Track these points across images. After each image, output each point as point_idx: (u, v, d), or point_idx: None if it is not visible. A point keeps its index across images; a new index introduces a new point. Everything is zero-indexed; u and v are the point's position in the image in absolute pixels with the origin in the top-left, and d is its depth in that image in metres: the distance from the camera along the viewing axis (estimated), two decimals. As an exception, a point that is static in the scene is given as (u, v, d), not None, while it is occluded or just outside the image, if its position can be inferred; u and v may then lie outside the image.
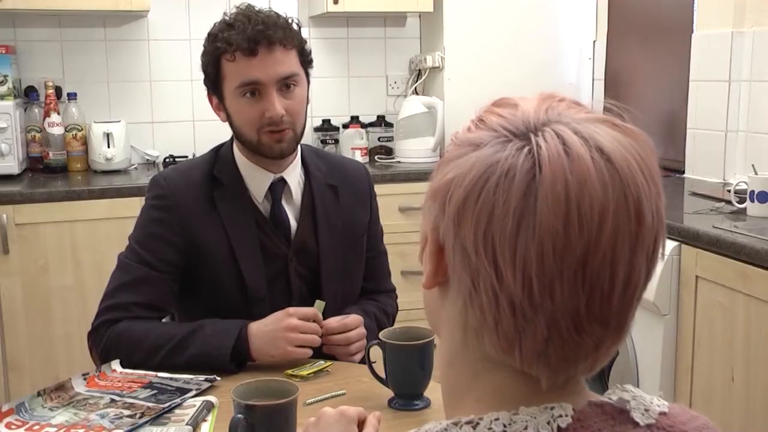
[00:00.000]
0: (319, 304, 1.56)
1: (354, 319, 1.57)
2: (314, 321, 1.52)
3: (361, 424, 1.04)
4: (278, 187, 1.65)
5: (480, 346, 0.65)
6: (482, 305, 0.63)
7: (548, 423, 0.63)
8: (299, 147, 1.69)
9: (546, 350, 0.62)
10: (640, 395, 0.68)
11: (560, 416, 0.63)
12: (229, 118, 1.62)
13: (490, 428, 0.63)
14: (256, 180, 1.64)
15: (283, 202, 1.66)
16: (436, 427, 0.65)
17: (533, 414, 0.63)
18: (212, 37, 1.58)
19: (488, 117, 0.66)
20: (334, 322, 1.55)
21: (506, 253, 0.60)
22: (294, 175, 1.67)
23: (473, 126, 0.67)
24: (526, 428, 0.62)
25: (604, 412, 0.66)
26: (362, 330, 1.57)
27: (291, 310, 1.51)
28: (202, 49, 1.62)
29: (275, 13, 1.59)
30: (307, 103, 1.65)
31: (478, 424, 0.64)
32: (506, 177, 0.60)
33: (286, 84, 1.57)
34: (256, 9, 1.59)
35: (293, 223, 1.67)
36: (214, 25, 1.60)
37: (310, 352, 1.50)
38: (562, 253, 0.59)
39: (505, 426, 0.63)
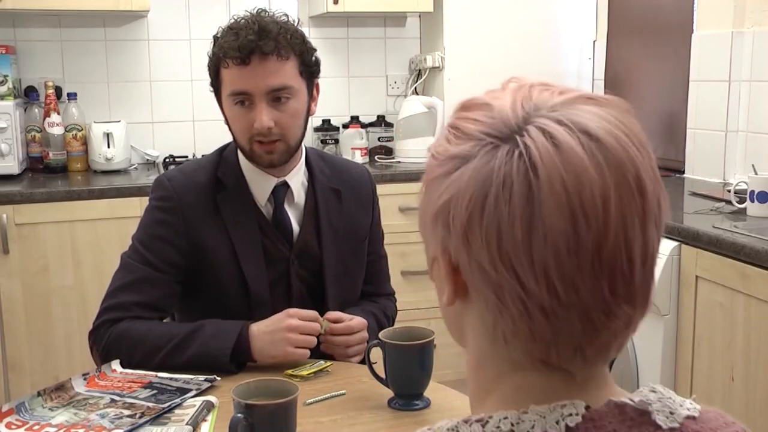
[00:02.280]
0: (325, 323, 1.55)
1: (359, 322, 1.56)
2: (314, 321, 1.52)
3: None
4: (281, 191, 1.65)
5: (508, 353, 0.65)
6: (513, 316, 0.62)
7: (557, 422, 0.62)
8: (304, 150, 1.69)
9: (581, 344, 0.62)
10: (668, 397, 0.67)
11: (570, 415, 0.62)
12: (227, 123, 1.63)
13: (498, 427, 0.63)
14: (259, 183, 1.64)
15: (286, 206, 1.66)
16: (447, 425, 0.65)
17: (542, 413, 0.62)
18: (214, 41, 1.57)
19: (464, 125, 0.64)
20: (335, 315, 1.55)
21: (524, 262, 0.60)
22: (297, 178, 1.67)
23: (451, 137, 0.65)
24: (533, 427, 0.62)
25: (623, 412, 0.64)
26: (364, 334, 1.57)
27: (291, 311, 1.50)
28: (204, 49, 1.61)
29: (278, 20, 1.55)
30: (309, 113, 1.62)
31: (487, 422, 0.64)
32: (504, 188, 0.60)
33: (276, 96, 1.54)
34: (262, 14, 1.56)
35: (295, 227, 1.67)
36: (219, 27, 1.59)
37: (308, 353, 1.50)
38: (576, 250, 0.59)
39: (512, 425, 0.62)
